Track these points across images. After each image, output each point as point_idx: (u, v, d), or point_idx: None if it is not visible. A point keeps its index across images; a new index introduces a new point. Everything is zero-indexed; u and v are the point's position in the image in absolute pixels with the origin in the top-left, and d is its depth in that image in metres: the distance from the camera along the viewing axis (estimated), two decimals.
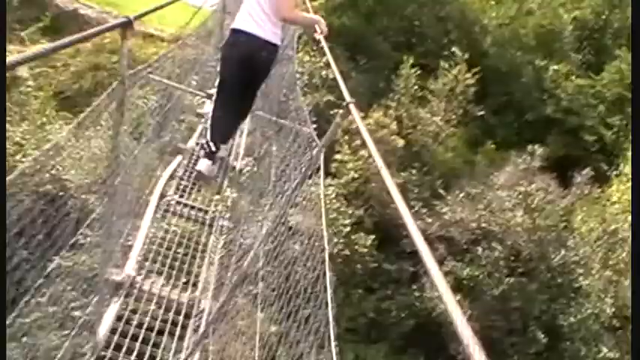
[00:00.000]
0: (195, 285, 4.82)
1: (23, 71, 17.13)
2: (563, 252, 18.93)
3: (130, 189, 5.31)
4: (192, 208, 5.89)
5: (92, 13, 28.07)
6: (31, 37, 21.29)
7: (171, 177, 6.16)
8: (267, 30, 6.08)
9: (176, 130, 7.02)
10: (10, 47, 17.90)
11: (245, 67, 6.21)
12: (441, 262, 17.09)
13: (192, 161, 6.63)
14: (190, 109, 8.04)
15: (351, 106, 3.79)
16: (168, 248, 5.01)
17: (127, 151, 5.21)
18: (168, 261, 4.80)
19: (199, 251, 5.20)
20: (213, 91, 7.34)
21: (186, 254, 5.10)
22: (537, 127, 25.30)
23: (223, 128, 6.34)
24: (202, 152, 6.02)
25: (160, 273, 4.72)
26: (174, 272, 4.87)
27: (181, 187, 6.12)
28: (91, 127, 5.54)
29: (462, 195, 20.03)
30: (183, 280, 4.90)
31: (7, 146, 10.89)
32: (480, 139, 24.49)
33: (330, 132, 4.46)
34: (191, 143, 6.94)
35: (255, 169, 8.23)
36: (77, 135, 5.46)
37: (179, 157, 6.54)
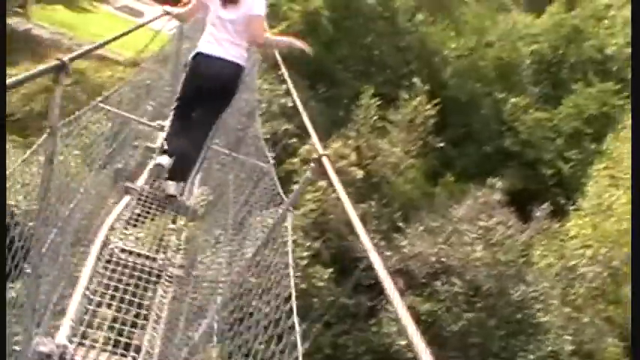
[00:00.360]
0: (137, 351, 4.32)
1: None
2: (522, 287, 18.72)
3: (67, 239, 4.81)
4: (139, 255, 5.39)
5: (45, 34, 27.35)
6: None
7: (117, 220, 5.65)
8: (230, 51, 5.94)
9: (125, 167, 6.54)
10: None
11: (208, 90, 6.04)
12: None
13: (142, 203, 6.12)
14: (143, 140, 7.54)
15: (325, 160, 3.41)
16: (109, 305, 4.51)
17: (63, 195, 4.72)
18: (107, 323, 4.30)
19: (144, 307, 4.71)
20: (167, 122, 6.90)
21: (128, 312, 4.60)
22: (496, 160, 25.35)
23: (184, 162, 6.08)
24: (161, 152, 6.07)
25: (96, 340, 4.20)
26: (113, 335, 4.37)
27: (127, 232, 5.61)
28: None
29: (421, 228, 19.76)
30: (125, 342, 4.39)
31: None
32: (439, 171, 24.40)
33: (298, 190, 4.11)
34: (141, 182, 6.44)
35: (211, 197, 7.85)
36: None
37: (126, 198, 6.03)
